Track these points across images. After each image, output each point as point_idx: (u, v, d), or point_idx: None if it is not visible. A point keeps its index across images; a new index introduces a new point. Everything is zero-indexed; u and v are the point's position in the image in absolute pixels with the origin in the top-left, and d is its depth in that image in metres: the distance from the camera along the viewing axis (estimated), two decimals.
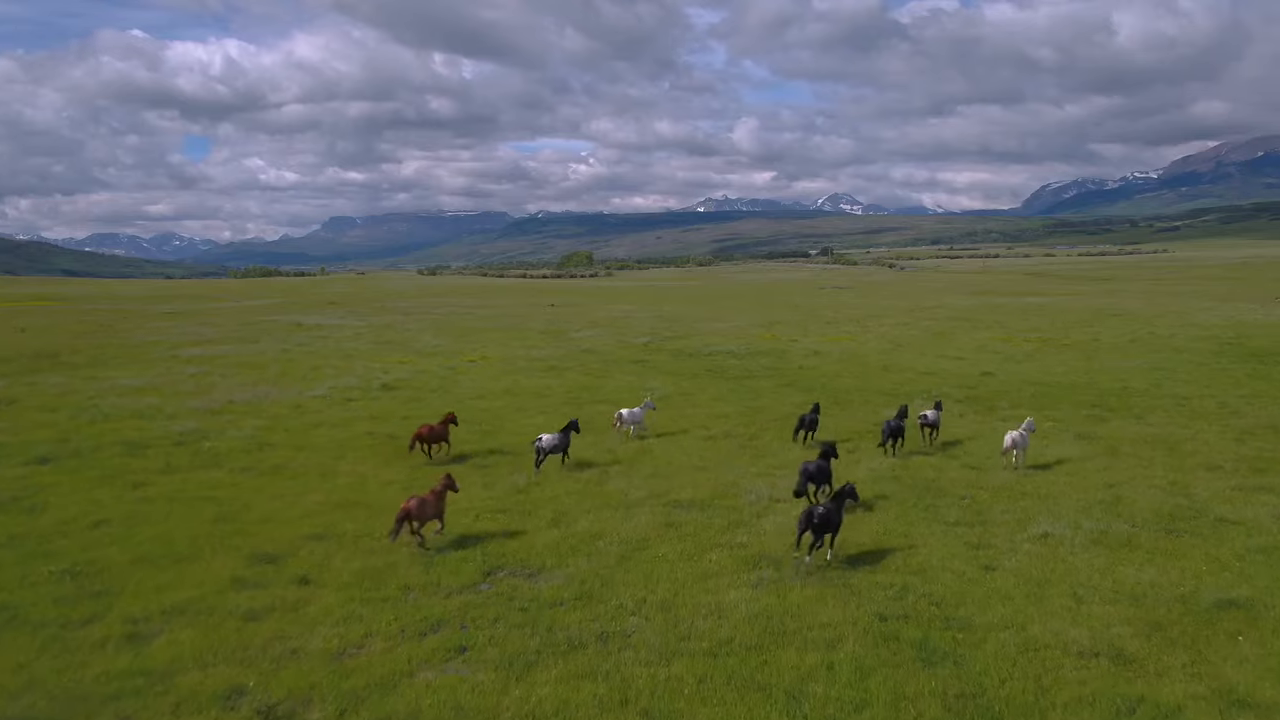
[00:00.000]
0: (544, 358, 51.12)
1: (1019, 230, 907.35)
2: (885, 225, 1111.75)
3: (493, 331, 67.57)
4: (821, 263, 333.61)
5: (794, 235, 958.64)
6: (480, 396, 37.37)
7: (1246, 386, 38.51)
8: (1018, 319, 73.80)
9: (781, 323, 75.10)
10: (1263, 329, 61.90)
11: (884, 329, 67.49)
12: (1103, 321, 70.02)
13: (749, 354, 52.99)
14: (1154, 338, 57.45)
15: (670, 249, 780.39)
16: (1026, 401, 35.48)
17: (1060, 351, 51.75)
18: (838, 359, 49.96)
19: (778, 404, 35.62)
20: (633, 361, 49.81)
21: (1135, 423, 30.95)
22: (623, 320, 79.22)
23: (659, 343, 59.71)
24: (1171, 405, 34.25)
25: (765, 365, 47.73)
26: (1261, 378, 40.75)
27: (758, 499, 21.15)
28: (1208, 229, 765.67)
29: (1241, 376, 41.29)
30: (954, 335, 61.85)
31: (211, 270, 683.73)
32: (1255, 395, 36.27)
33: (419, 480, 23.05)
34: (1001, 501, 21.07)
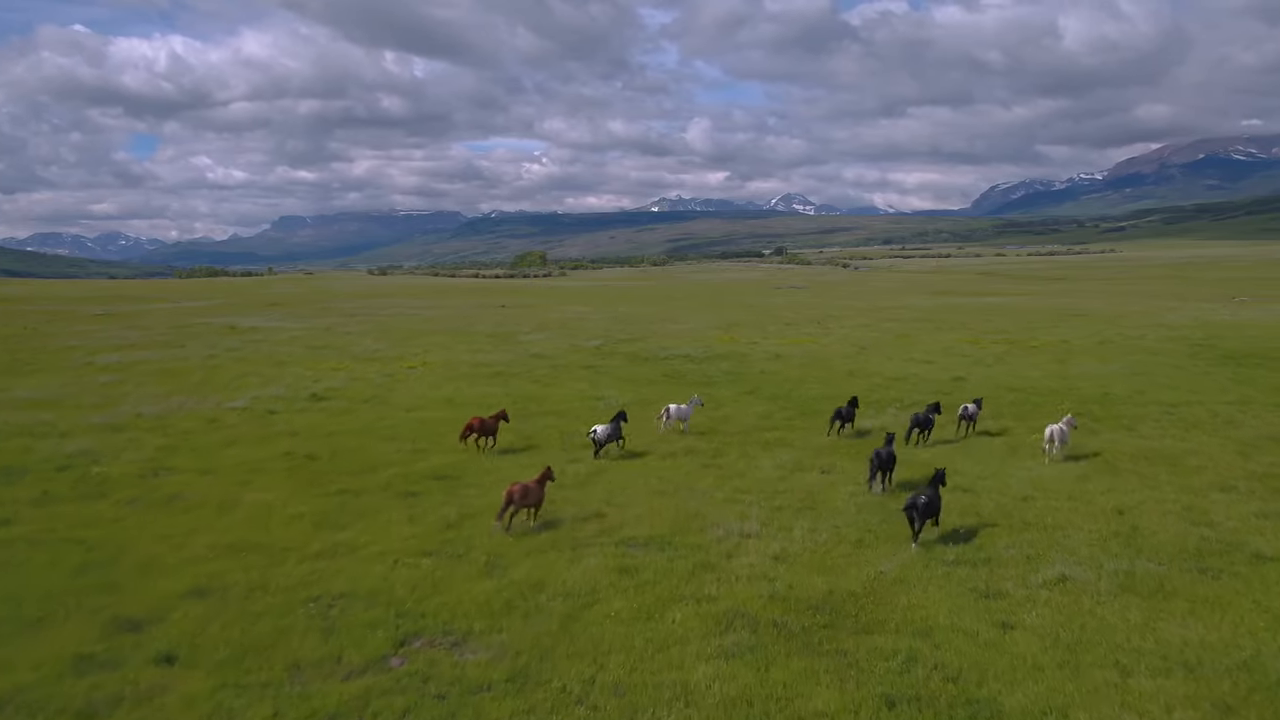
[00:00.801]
0: (490, 363, 47.96)
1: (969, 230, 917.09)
2: (838, 225, 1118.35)
3: (438, 334, 64.18)
4: (775, 262, 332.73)
5: (748, 235, 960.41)
6: (415, 408, 34.15)
7: (1232, 392, 36.43)
8: (981, 320, 71.88)
9: (740, 324, 72.50)
10: (1231, 329, 60.39)
11: (845, 330, 65.12)
12: (1067, 322, 68.26)
13: (708, 358, 50.23)
14: (1124, 339, 55.58)
15: (625, 249, 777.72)
16: (1007, 410, 33.06)
17: (1030, 354, 49.60)
18: (800, 363, 47.36)
19: (741, 414, 32.86)
20: (584, 367, 46.81)
21: (1127, 434, 28.59)
22: (575, 322, 76.17)
23: (613, 345, 56.78)
24: (1160, 414, 32.00)
25: (725, 370, 44.99)
26: (1245, 382, 38.74)
27: (726, 534, 18.27)
28: (1152, 229, 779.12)
29: (1224, 381, 39.28)
30: (918, 337, 59.60)
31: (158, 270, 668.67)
32: (1244, 402, 34.16)
33: (333, 512, 19.93)
34: (1004, 533, 18.40)
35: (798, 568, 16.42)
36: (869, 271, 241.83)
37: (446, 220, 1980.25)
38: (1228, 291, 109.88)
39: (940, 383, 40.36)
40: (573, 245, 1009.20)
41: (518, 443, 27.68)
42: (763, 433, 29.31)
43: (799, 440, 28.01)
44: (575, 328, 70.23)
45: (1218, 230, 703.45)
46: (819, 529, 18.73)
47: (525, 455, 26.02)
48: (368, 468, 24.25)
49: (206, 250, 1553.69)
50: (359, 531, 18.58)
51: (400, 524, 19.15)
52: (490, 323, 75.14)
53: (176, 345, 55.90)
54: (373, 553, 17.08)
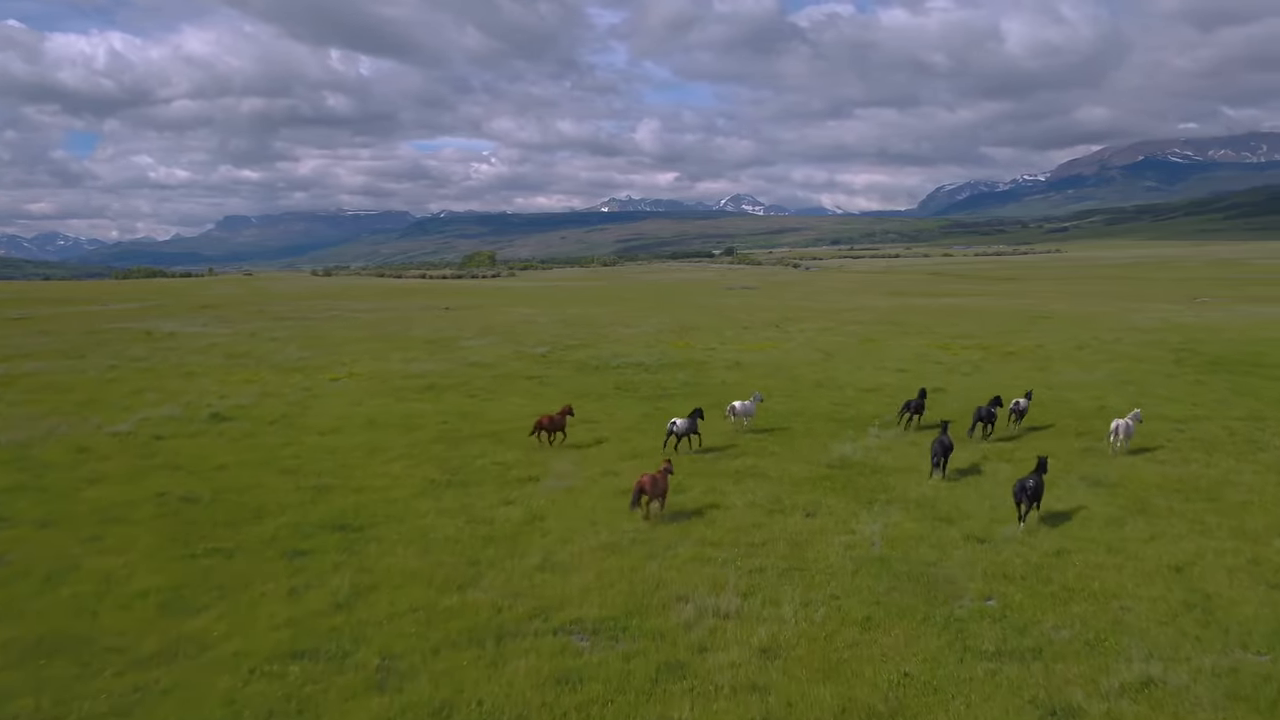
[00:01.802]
0: (424, 373, 43.50)
1: (916, 231, 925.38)
2: (787, 226, 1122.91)
3: (371, 341, 59.42)
4: (726, 262, 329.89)
5: (698, 235, 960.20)
6: (329, 430, 29.64)
7: (1238, 405, 33.18)
8: (945, 323, 68.65)
9: (695, 328, 68.57)
10: (1206, 332, 57.70)
11: (806, 334, 61.47)
12: (1036, 325, 65.27)
13: (662, 366, 46.22)
14: (1101, 344, 52.51)
15: (575, 249, 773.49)
16: (1000, 428, 29.39)
17: (1008, 361, 46.24)
18: (763, 372, 43.50)
19: (704, 434, 28.80)
20: (528, 377, 42.57)
21: (1144, 458, 25.01)
22: (522, 326, 71.73)
23: (560, 353, 52.55)
24: (1170, 431, 28.55)
25: (682, 381, 41.00)
26: (1246, 393, 35.56)
27: (697, 613, 14.16)
28: (1094, 230, 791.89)
29: (1223, 392, 36.10)
30: (884, 342, 56.10)
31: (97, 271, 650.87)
32: (1256, 418, 30.85)
33: (192, 583, 15.56)
34: (1048, 606, 14.56)
35: (794, 668, 12.38)
36: (820, 271, 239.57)
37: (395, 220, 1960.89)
38: (1186, 292, 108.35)
39: (914, 392, 36.69)
40: (523, 245, 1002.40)
41: (440, 475, 23.41)
42: (730, 459, 25.32)
43: (773, 469, 24.05)
44: (521, 332, 65.87)
45: (1157, 231, 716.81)
46: (814, 601, 14.75)
47: (451, 493, 21.74)
48: (254, 514, 19.80)
49: (149, 251, 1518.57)
50: (217, 616, 14.21)
51: (275, 601, 14.82)
52: (430, 327, 70.43)
53: (77, 355, 50.59)
54: (226, 654, 12.75)
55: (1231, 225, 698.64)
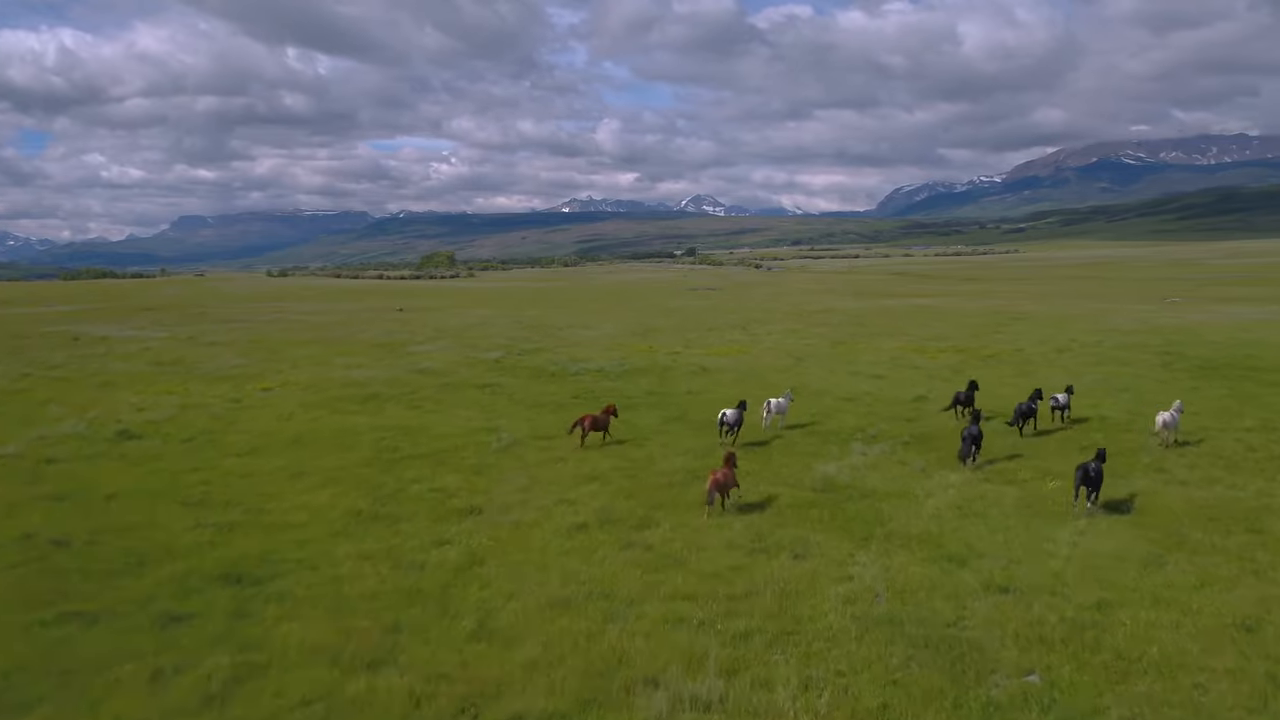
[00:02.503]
0: (366, 381, 40.20)
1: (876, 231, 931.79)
2: (747, 226, 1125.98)
3: (315, 345, 55.85)
4: (687, 263, 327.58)
5: (658, 236, 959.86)
6: (249, 451, 26.28)
7: (1243, 414, 30.70)
8: (917, 325, 66.23)
9: (658, 329, 65.66)
10: (1187, 334, 55.67)
11: (774, 337, 58.76)
12: (1010, 327, 63.02)
13: (624, 372, 43.24)
14: (1082, 347, 50.23)
15: (535, 249, 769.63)
16: (996, 444, 26.70)
17: (988, 366, 43.74)
18: (732, 379, 40.67)
19: (669, 452, 25.88)
20: (479, 386, 39.39)
21: (1160, 478, 22.41)
22: (477, 328, 68.41)
23: (516, 358, 49.39)
24: (1176, 447, 26.02)
25: (646, 389, 38.04)
26: (1247, 400, 33.18)
27: (671, 702, 11.13)
28: (1050, 231, 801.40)
29: (1223, 399, 33.70)
30: (856, 345, 53.48)
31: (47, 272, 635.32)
32: (1267, 428, 28.40)
33: (27, 668, 12.30)
34: (1101, 683, 11.74)
35: None
36: (782, 272, 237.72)
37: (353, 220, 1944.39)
38: (1152, 292, 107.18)
39: (900, 404, 34.02)
40: (483, 246, 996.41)
41: (368, 506, 20.22)
42: (701, 483, 22.33)
43: (751, 493, 21.12)
44: (475, 335, 62.60)
45: (1112, 231, 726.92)
46: (814, 681, 11.82)
47: (377, 530, 18.57)
48: (135, 562, 16.50)
49: (102, 251, 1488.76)
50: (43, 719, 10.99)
51: (129, 693, 11.57)
52: (380, 330, 66.90)
53: None
54: None
55: (1183, 226, 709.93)
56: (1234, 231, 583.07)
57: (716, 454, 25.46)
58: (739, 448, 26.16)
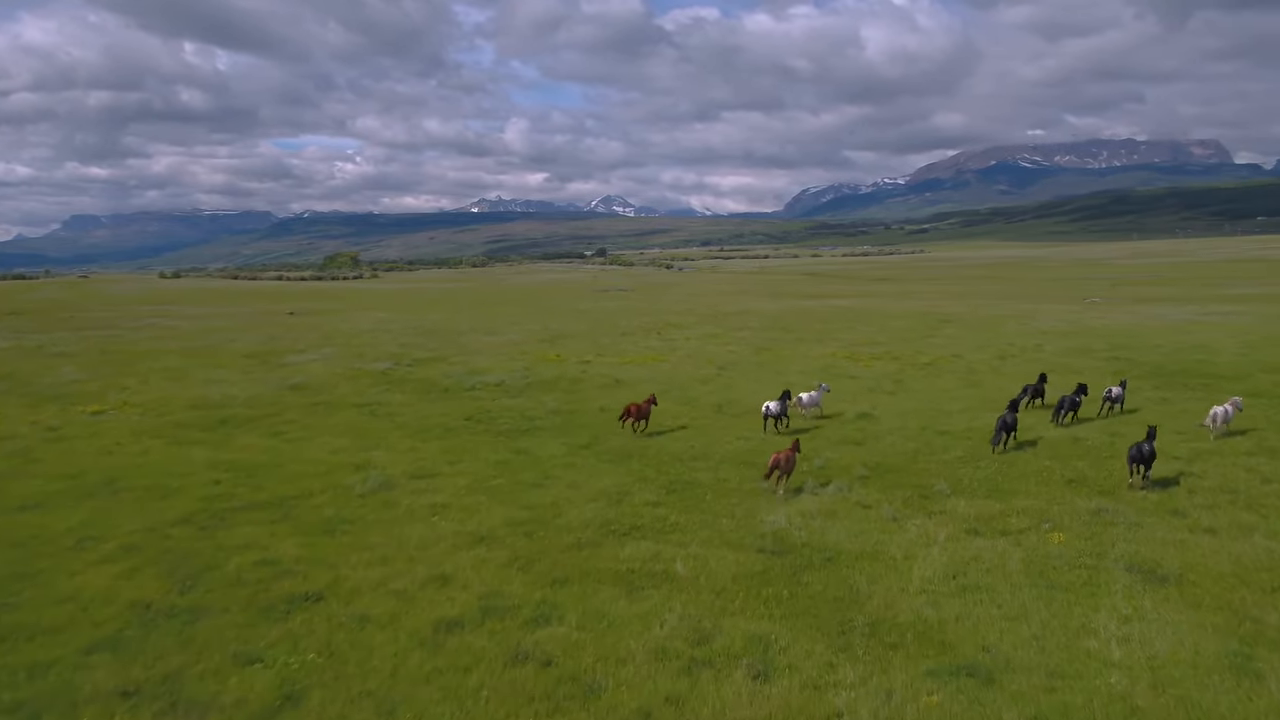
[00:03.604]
0: (224, 401, 34.35)
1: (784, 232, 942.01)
2: (657, 227, 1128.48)
3: (178, 356, 49.33)
4: (598, 263, 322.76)
5: (568, 236, 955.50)
6: (38, 502, 20.35)
7: (1235, 433, 27.09)
8: (843, 328, 62.42)
9: (568, 335, 60.57)
10: (1126, 336, 52.86)
11: (693, 343, 54.16)
12: (940, 331, 59.58)
13: (528, 386, 38.15)
14: (1022, 352, 46.80)
15: (444, 249, 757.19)
16: (967, 477, 22.34)
17: (929, 376, 39.79)
18: (650, 393, 35.88)
19: (578, 497, 20.87)
20: (358, 405, 33.89)
21: (1182, 524, 18.15)
22: (368, 334, 62.41)
23: (406, 369, 43.84)
24: (1180, 472, 22.01)
25: (552, 408, 32.98)
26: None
27: None
28: (953, 231, 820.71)
29: (1201, 414, 30.12)
30: (783, 352, 49.22)
31: None
32: (1265, 451, 24.70)
33: None
34: None
35: None
36: (694, 272, 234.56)
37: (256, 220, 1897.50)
38: (1068, 291, 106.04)
39: (844, 423, 29.62)
40: (390, 246, 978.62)
41: (161, 595, 14.73)
42: (617, 543, 17.41)
43: (682, 559, 16.28)
44: (366, 342, 56.72)
45: (1011, 232, 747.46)
46: None
47: (159, 639, 13.17)
48: None
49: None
50: None
51: None
52: (261, 337, 60.44)
53: None
54: None
55: (1077, 227, 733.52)
56: (1127, 232, 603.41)
57: (634, 501, 20.54)
58: (658, 487, 21.35)
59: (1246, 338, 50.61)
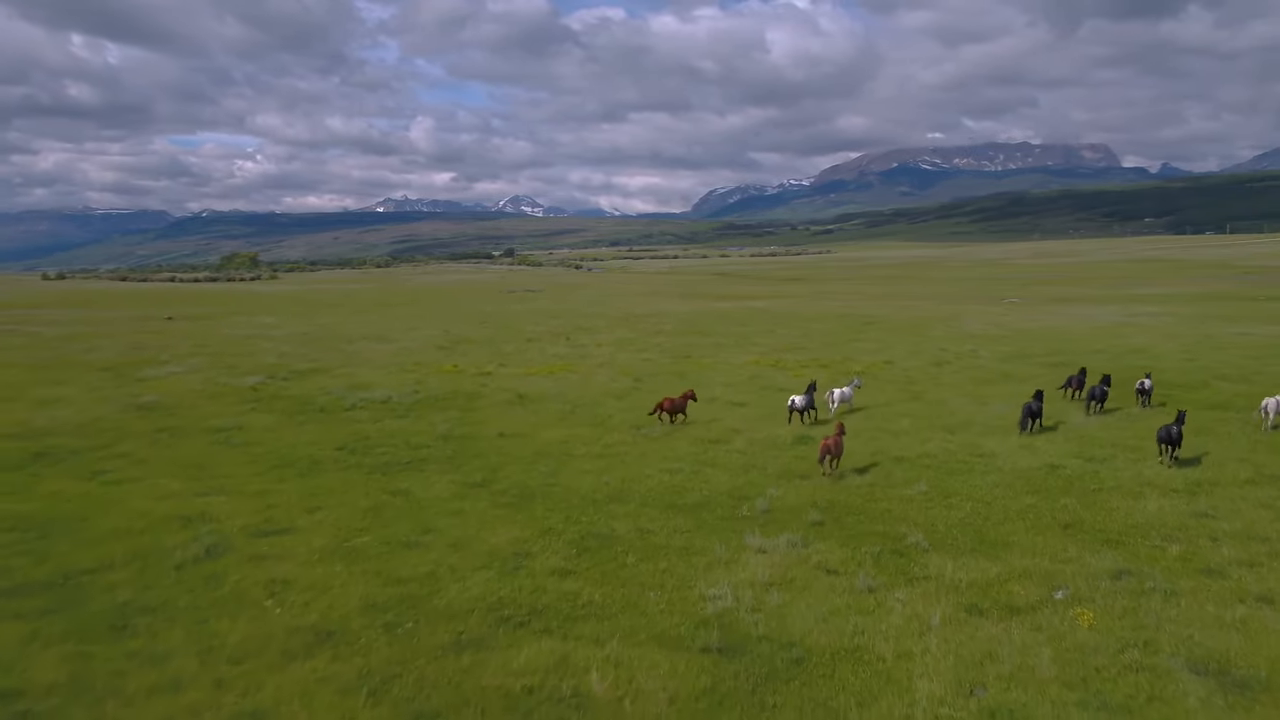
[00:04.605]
0: (47, 427, 28.81)
1: (692, 232, 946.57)
2: (566, 227, 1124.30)
3: (15, 370, 42.89)
4: (506, 264, 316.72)
5: (476, 236, 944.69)
6: None
7: (1225, 461, 23.74)
8: (762, 333, 58.78)
9: (468, 341, 55.68)
10: (1060, 341, 50.35)
11: (605, 350, 49.81)
12: (865, 334, 56.41)
13: (418, 404, 33.39)
14: (957, 358, 43.65)
15: (348, 250, 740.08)
16: (941, 521, 18.47)
17: (867, 386, 36.08)
18: (558, 413, 31.45)
19: (465, 558, 16.34)
20: (212, 430, 28.70)
21: (1228, 590, 14.50)
22: (247, 342, 56.55)
23: (280, 383, 38.62)
24: (1186, 514, 18.50)
25: (443, 432, 28.26)
26: (1204, 433, 26.29)
27: None
28: (857, 232, 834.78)
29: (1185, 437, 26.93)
30: (703, 359, 45.21)
31: None
32: (1272, 480, 21.47)
33: None
34: None
35: None
36: (604, 273, 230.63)
37: (151, 220, 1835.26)
38: (983, 291, 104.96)
39: (781, 449, 25.59)
40: (292, 246, 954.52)
41: None
42: (511, 641, 12.93)
43: (601, 664, 11.92)
44: (242, 351, 51.01)
45: (913, 233, 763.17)
46: None
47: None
48: None
49: None
50: None
51: None
52: (124, 346, 54.08)
53: None
54: None
55: (977, 228, 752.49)
56: (1024, 233, 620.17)
57: (534, 566, 16.12)
58: (564, 551, 16.98)
59: (1182, 341, 48.46)
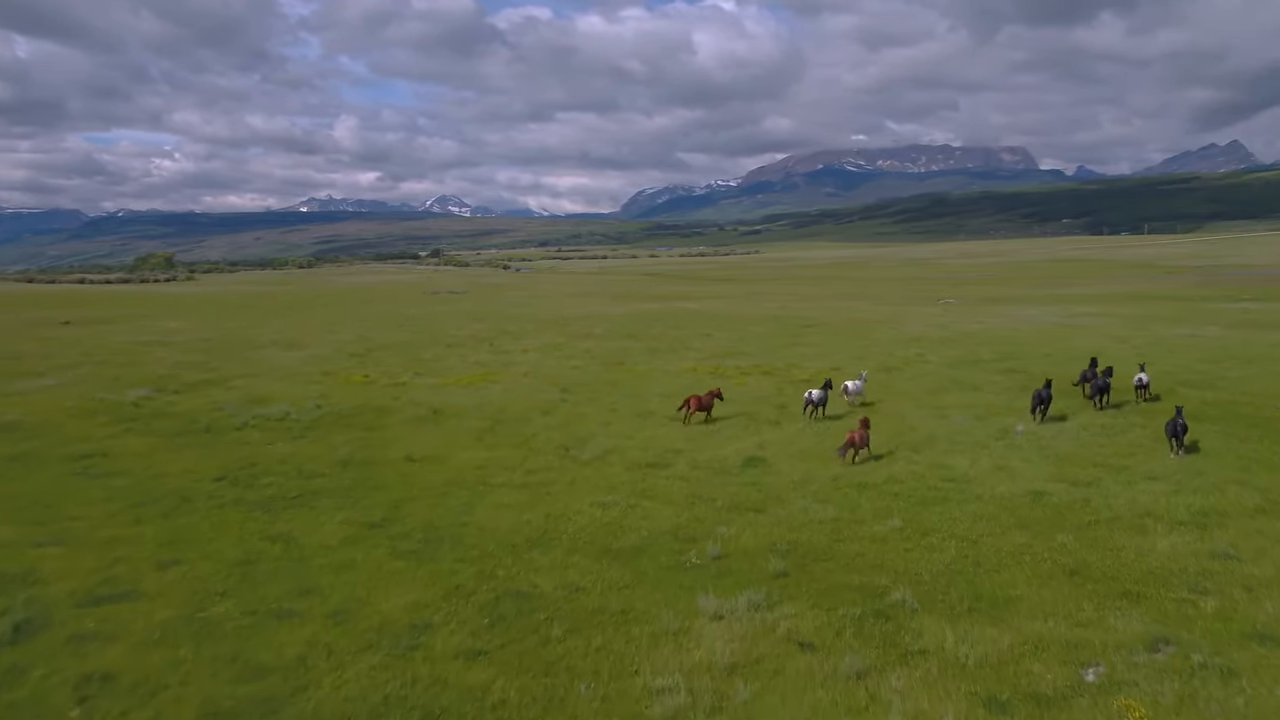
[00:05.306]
0: None
1: (621, 233, 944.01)
2: (494, 227, 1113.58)
3: None
4: (432, 264, 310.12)
5: (402, 237, 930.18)
6: None
7: (1225, 484, 21.37)
8: (698, 336, 55.77)
9: (385, 347, 51.75)
10: (1008, 344, 48.31)
11: (531, 357, 46.35)
12: (804, 338, 53.83)
13: (319, 421, 29.75)
14: (906, 364, 41.17)
15: (271, 250, 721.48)
16: (926, 569, 15.62)
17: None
18: (476, 432, 28.05)
19: (347, 636, 13.02)
20: (73, 458, 24.74)
21: (1275, 653, 11.87)
22: (142, 349, 51.84)
23: (168, 398, 34.59)
24: (1204, 555, 15.94)
25: (342, 456, 24.71)
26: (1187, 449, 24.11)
27: None
28: (784, 233, 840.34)
29: (1155, 449, 24.60)
30: (636, 367, 42.06)
31: None
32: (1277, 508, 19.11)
33: None
34: None
35: None
36: (533, 274, 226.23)
37: (64, 219, 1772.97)
38: (918, 292, 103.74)
39: (729, 474, 22.60)
40: (213, 247, 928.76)
41: None
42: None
43: None
44: (132, 360, 46.50)
45: (839, 233, 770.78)
46: None
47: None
48: None
49: None
50: None
51: None
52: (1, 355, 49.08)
53: None
54: None
55: (901, 228, 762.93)
56: (948, 233, 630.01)
57: (438, 641, 12.80)
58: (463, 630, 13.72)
59: (1132, 344, 46.75)
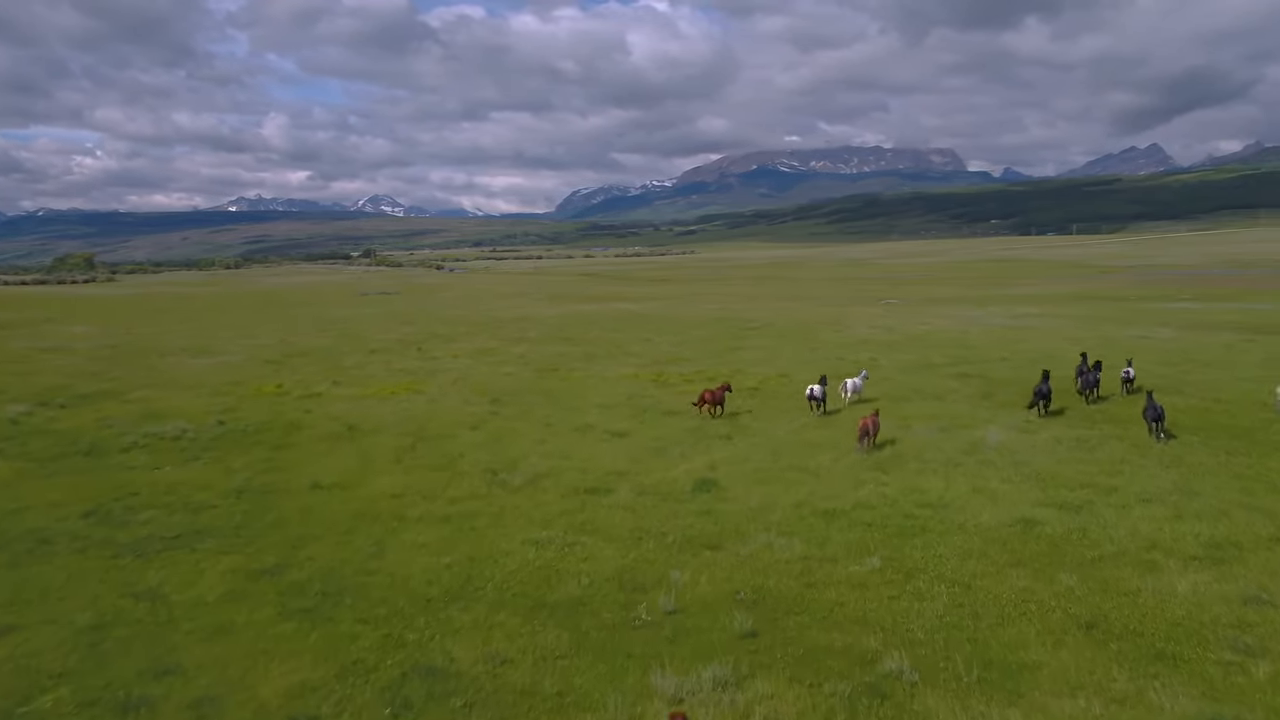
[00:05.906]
0: None
1: (556, 233, 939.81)
2: (427, 227, 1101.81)
3: None
4: (364, 264, 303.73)
5: (333, 237, 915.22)
6: None
7: (1231, 510, 19.45)
8: (636, 339, 53.27)
9: (304, 353, 48.42)
10: (958, 348, 46.72)
11: (461, 364, 43.40)
12: (748, 341, 51.62)
13: (218, 441, 26.64)
14: (858, 369, 39.09)
15: (198, 250, 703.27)
16: (918, 626, 13.28)
17: (768, 407, 31.06)
18: (394, 452, 25.13)
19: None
20: None
21: None
22: (34, 358, 47.96)
23: (52, 413, 31.18)
24: (1252, 616, 13.86)
25: (239, 484, 21.65)
26: (1173, 464, 22.21)
27: None
28: (719, 233, 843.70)
29: (1135, 460, 22.68)
30: (573, 375, 39.36)
31: None
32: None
33: None
34: None
35: None
36: (466, 274, 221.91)
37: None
38: (858, 292, 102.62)
39: (679, 501, 20.03)
40: (138, 247, 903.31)
41: None
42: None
43: None
44: (22, 369, 42.84)
45: (773, 234, 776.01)
46: None
47: None
48: None
49: None
50: None
51: None
52: None
53: None
54: None
55: (834, 228, 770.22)
56: (880, 233, 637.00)
57: None
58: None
59: (1085, 346, 45.13)
